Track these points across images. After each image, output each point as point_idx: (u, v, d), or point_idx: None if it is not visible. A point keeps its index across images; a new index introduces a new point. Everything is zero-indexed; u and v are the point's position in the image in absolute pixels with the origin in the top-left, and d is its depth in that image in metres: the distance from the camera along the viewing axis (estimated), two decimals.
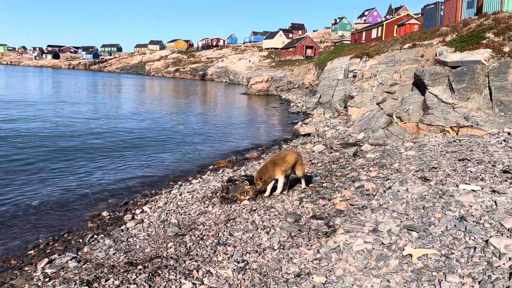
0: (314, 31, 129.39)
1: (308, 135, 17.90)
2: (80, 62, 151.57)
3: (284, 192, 8.03)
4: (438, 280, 3.86)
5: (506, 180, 6.33)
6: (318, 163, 10.99)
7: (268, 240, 5.72)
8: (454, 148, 9.53)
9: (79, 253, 6.40)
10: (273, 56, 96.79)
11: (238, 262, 5.14)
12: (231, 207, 7.64)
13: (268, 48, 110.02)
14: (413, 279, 3.98)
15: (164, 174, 12.13)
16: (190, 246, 5.92)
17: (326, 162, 10.95)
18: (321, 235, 5.62)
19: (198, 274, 4.99)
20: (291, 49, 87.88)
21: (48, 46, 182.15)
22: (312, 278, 4.43)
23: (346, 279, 4.25)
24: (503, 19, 15.47)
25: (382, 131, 13.97)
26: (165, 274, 5.09)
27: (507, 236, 4.35)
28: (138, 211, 8.41)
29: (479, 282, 3.67)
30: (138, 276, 5.10)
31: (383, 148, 11.71)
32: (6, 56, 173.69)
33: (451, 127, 12.00)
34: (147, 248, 6.19)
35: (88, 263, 5.89)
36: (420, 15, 45.29)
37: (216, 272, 4.97)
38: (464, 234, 4.61)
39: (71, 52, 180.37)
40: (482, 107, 11.83)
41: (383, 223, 5.37)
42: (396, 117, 14.00)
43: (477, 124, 11.45)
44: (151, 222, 7.56)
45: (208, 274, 4.96)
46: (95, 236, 7.16)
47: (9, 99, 31.53)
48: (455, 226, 4.88)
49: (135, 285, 4.89)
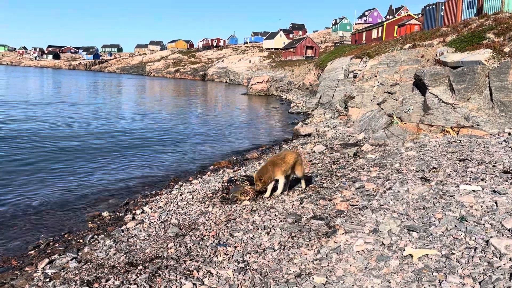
0: (314, 31, 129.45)
1: (309, 135, 17.91)
2: (80, 63, 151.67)
3: (285, 192, 8.03)
4: (439, 280, 3.86)
5: (507, 181, 6.32)
6: (318, 163, 10.99)
7: (268, 241, 5.72)
8: (454, 148, 9.53)
9: (80, 253, 6.40)
10: (273, 57, 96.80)
11: (239, 263, 5.14)
12: (231, 207, 7.64)
13: (268, 49, 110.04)
14: (413, 279, 3.98)
15: (165, 174, 12.13)
16: (190, 247, 5.92)
17: (327, 162, 10.95)
18: (321, 236, 5.62)
19: (198, 274, 4.99)
20: (291, 49, 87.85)
21: (49, 46, 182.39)
22: (313, 278, 4.43)
23: (346, 280, 4.25)
24: (503, 19, 15.48)
25: (382, 131, 13.97)
26: (165, 274, 5.09)
27: (508, 237, 4.35)
28: (138, 212, 8.42)
29: (480, 283, 3.67)
30: (138, 277, 5.10)
31: (383, 148, 11.71)
32: (7, 57, 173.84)
33: (451, 128, 11.99)
34: (148, 248, 6.19)
35: (88, 263, 5.89)
36: (420, 16, 45.28)
37: (217, 272, 4.97)
38: (465, 235, 4.61)
39: (71, 52, 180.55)
40: (483, 107, 11.83)
41: (384, 224, 5.37)
42: (397, 117, 14.00)
43: (477, 125, 11.45)
44: (152, 223, 7.56)
45: (209, 274, 4.96)
46: (96, 236, 7.16)
47: (9, 100, 31.55)
48: (455, 226, 4.88)
49: (136, 285, 4.89)
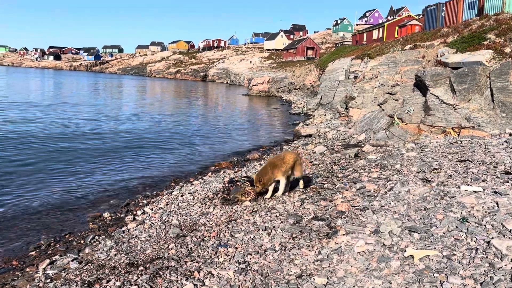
0: (315, 32, 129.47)
1: (309, 136, 17.91)
2: (81, 64, 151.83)
3: (286, 193, 8.03)
4: (440, 281, 3.85)
5: (508, 181, 6.31)
6: (319, 164, 10.98)
7: (269, 241, 5.71)
8: (455, 149, 9.52)
9: (81, 254, 6.40)
10: (274, 57, 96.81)
11: (240, 263, 5.14)
12: (232, 208, 7.64)
13: (269, 49, 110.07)
14: (414, 280, 3.98)
15: (165, 175, 12.12)
16: (191, 247, 5.92)
17: (327, 163, 10.94)
18: (322, 236, 5.62)
19: (199, 275, 4.99)
20: (292, 50, 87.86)
21: (50, 47, 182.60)
22: (314, 279, 4.42)
23: (347, 280, 4.25)
24: (504, 20, 15.47)
25: (383, 132, 13.96)
26: (166, 275, 5.09)
27: (509, 238, 4.34)
28: (139, 212, 8.42)
29: (481, 284, 3.66)
30: (139, 277, 5.09)
31: (384, 149, 11.70)
32: (8, 58, 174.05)
33: (452, 128, 11.98)
34: (149, 249, 6.19)
35: (89, 264, 5.89)
36: (421, 16, 45.21)
37: (218, 273, 4.97)
38: (466, 236, 4.61)
39: (72, 53, 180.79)
40: (484, 108, 11.82)
41: (385, 224, 5.37)
42: (397, 118, 13.99)
43: (478, 125, 11.44)
44: (152, 223, 7.56)
45: (210, 275, 4.96)
46: (97, 237, 7.17)
47: (10, 100, 31.60)
48: (456, 227, 4.87)
49: (136, 286, 4.89)
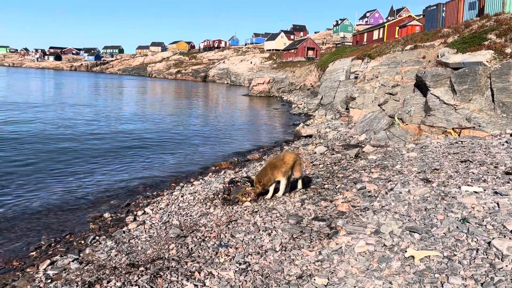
0: (315, 32, 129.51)
1: (310, 136, 17.90)
2: (82, 64, 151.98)
3: (286, 193, 8.03)
4: (441, 282, 3.85)
5: (509, 182, 6.31)
6: (319, 164, 10.98)
7: (270, 242, 5.71)
8: (456, 149, 9.51)
9: (81, 254, 6.40)
10: (274, 58, 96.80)
11: (240, 264, 5.14)
12: (232, 208, 7.63)
13: (269, 50, 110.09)
14: (415, 281, 3.97)
15: (166, 175, 12.12)
16: (191, 248, 5.92)
17: (328, 163, 10.94)
18: (323, 237, 5.61)
19: (200, 275, 4.99)
20: (292, 50, 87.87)
21: (50, 48, 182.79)
22: (314, 279, 4.42)
23: (348, 281, 4.25)
24: (505, 20, 15.46)
25: (383, 132, 13.95)
26: (167, 275, 5.08)
27: (510, 238, 4.34)
28: (140, 213, 8.42)
29: (482, 284, 3.66)
30: (140, 278, 5.09)
31: (384, 149, 11.70)
32: (9, 58, 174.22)
33: (453, 129, 11.97)
34: (149, 249, 6.18)
35: (90, 264, 5.89)
36: (421, 17, 45.21)
37: (218, 273, 4.97)
38: (467, 236, 4.60)
39: (73, 53, 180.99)
40: (484, 108, 11.81)
41: (385, 225, 5.37)
42: (398, 118, 13.98)
43: (479, 126, 11.43)
44: (153, 224, 7.56)
45: (210, 275, 4.96)
46: (97, 237, 7.17)
47: (10, 101, 31.62)
48: (457, 227, 4.87)
49: (137, 286, 4.89)
